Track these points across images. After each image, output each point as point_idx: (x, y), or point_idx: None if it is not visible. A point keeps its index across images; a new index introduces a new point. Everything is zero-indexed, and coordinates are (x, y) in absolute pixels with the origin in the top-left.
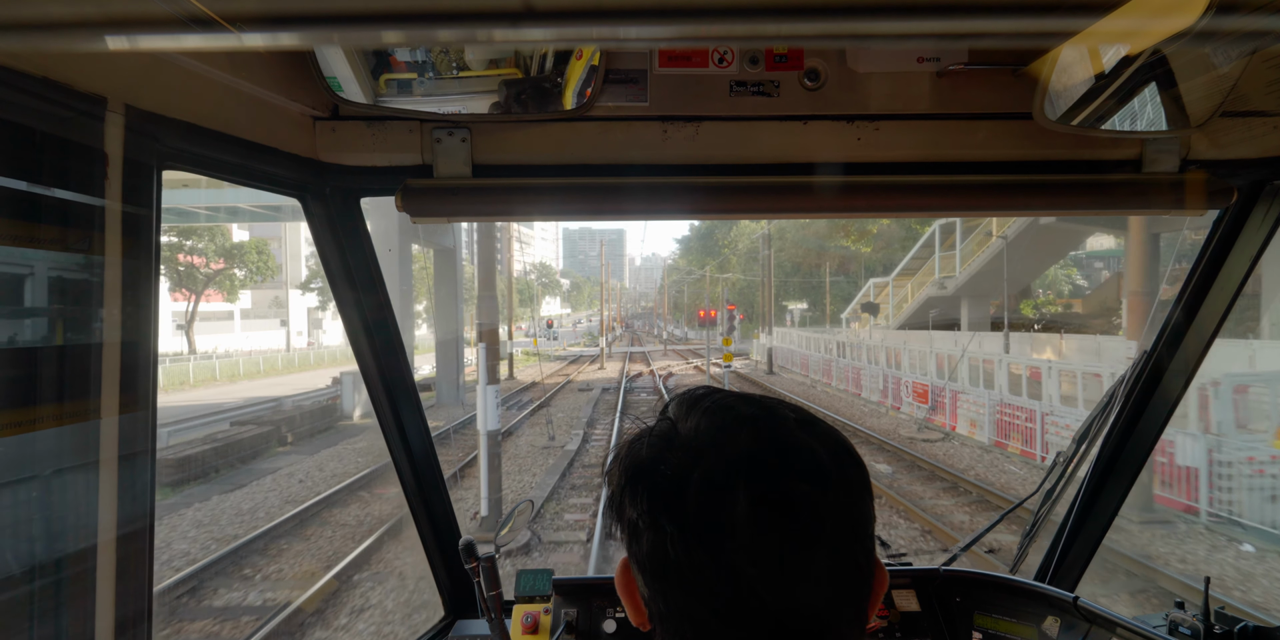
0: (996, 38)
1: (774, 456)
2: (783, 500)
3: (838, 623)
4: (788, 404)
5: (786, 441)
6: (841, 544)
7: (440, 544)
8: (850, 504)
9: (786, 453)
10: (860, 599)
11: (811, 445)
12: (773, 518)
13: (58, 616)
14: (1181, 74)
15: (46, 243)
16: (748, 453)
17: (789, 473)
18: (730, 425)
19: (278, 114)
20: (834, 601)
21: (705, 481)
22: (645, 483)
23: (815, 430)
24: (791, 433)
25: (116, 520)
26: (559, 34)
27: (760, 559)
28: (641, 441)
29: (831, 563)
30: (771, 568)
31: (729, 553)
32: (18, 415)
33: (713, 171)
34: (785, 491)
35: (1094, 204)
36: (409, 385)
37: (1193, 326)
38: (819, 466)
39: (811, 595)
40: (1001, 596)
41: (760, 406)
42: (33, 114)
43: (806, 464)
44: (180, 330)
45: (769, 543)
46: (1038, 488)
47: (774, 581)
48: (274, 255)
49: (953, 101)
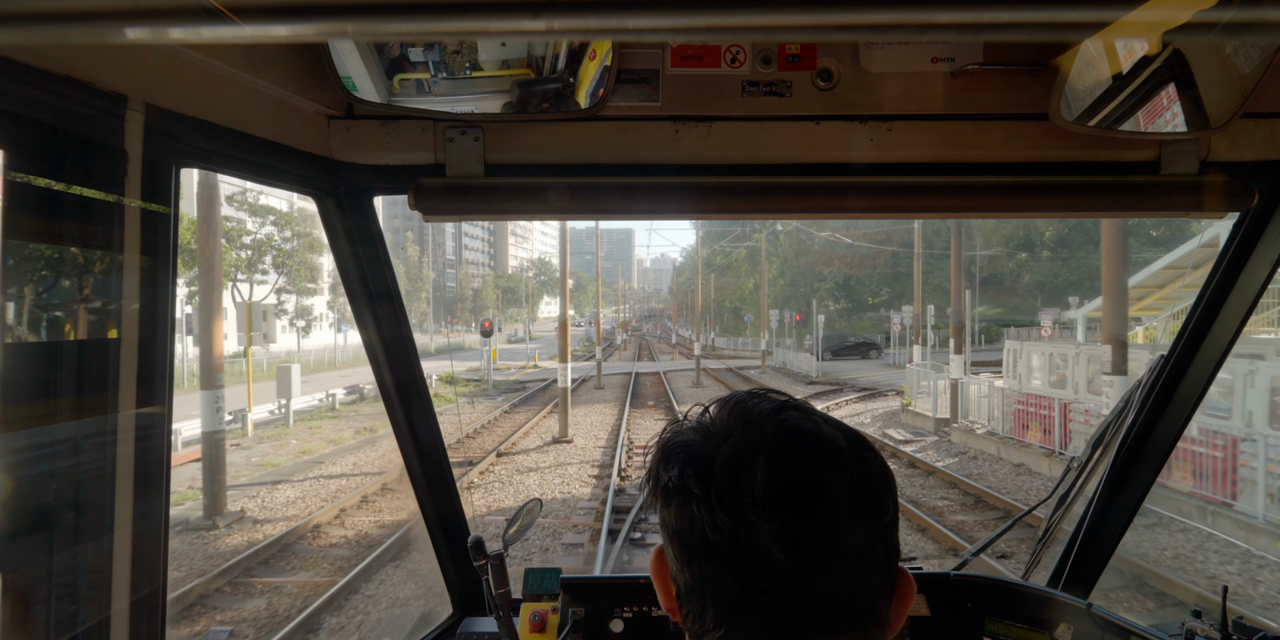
0: (1015, 30)
1: (795, 440)
2: (800, 479)
3: (854, 611)
4: (802, 402)
5: (809, 429)
6: (857, 531)
7: (449, 541)
8: (868, 494)
9: (807, 439)
10: (874, 593)
11: (832, 434)
12: (789, 494)
13: (74, 604)
14: (1201, 74)
15: (66, 239)
16: (772, 435)
17: (808, 455)
18: (758, 415)
19: (293, 113)
20: (851, 588)
21: (730, 457)
22: (679, 454)
23: (837, 425)
24: (814, 423)
25: (132, 512)
26: (572, 25)
27: (777, 531)
28: (678, 425)
29: (847, 547)
30: (787, 541)
31: (749, 518)
32: (37, 408)
33: (724, 172)
34: (803, 471)
35: (1111, 205)
36: (420, 383)
37: (1212, 330)
38: (839, 452)
39: (826, 576)
40: (1014, 602)
41: (786, 402)
42: (55, 112)
43: (826, 450)
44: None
45: (784, 517)
46: (1051, 492)
47: (790, 554)
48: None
49: (967, 102)
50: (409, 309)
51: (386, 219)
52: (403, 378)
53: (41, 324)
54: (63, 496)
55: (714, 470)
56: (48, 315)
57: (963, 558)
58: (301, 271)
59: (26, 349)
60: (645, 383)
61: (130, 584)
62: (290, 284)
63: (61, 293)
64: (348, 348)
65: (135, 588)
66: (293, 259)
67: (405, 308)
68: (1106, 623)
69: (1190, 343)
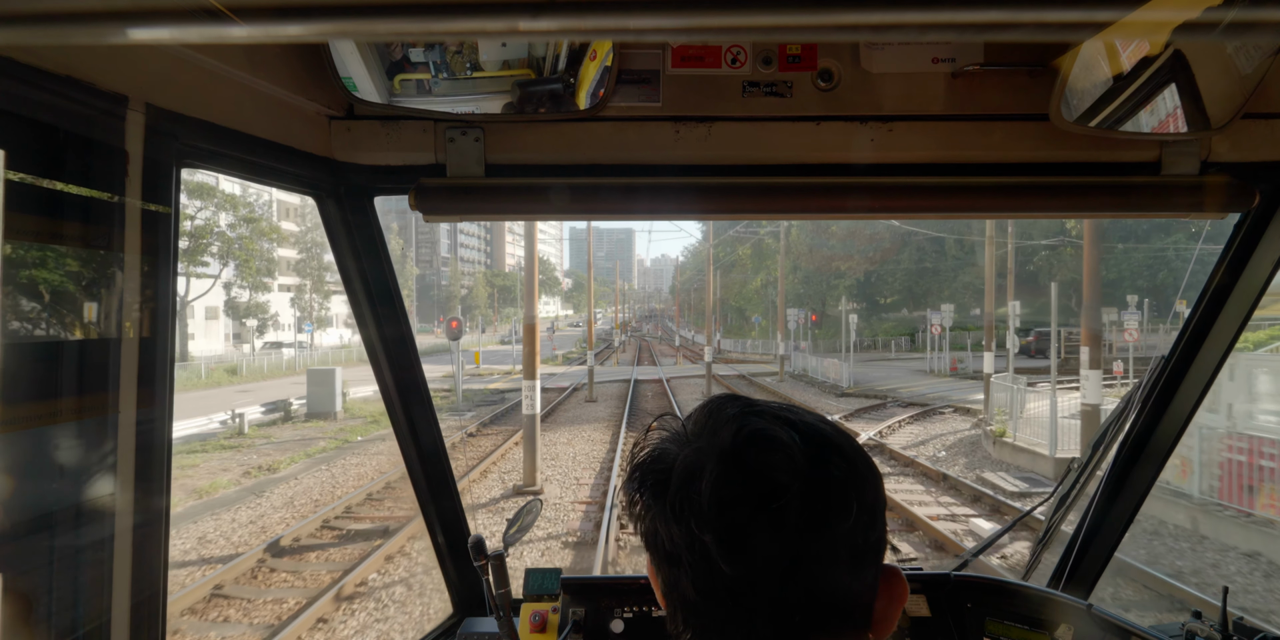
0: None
1: (749, 447)
2: (744, 489)
3: (821, 614)
4: (786, 405)
5: (764, 435)
6: (816, 536)
7: (449, 541)
8: (826, 498)
9: (760, 445)
10: (845, 595)
11: (786, 440)
12: (733, 504)
13: (75, 603)
14: (1202, 75)
15: (67, 239)
16: (725, 443)
17: (757, 463)
18: (718, 423)
19: (294, 113)
20: (813, 592)
21: (684, 467)
22: (645, 463)
23: (798, 428)
24: (768, 428)
25: (133, 510)
26: (572, 25)
27: (720, 542)
28: (654, 431)
29: (805, 553)
30: (731, 551)
31: (696, 528)
32: (38, 408)
33: (724, 172)
34: (748, 479)
35: (1112, 206)
36: (420, 383)
37: (1212, 332)
38: (790, 458)
39: (782, 582)
40: (1014, 603)
41: (747, 406)
42: (56, 112)
43: (778, 456)
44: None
45: (727, 528)
46: (1051, 492)
47: (734, 564)
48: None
49: (968, 102)
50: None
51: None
52: (403, 378)
53: (42, 324)
54: (63, 497)
55: (671, 481)
56: (48, 315)
57: (962, 558)
58: (251, 264)
59: (28, 349)
60: (646, 393)
61: (130, 585)
62: (240, 277)
63: (62, 293)
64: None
65: (135, 589)
66: (238, 248)
67: (406, 308)
68: (1107, 623)
69: (1191, 344)
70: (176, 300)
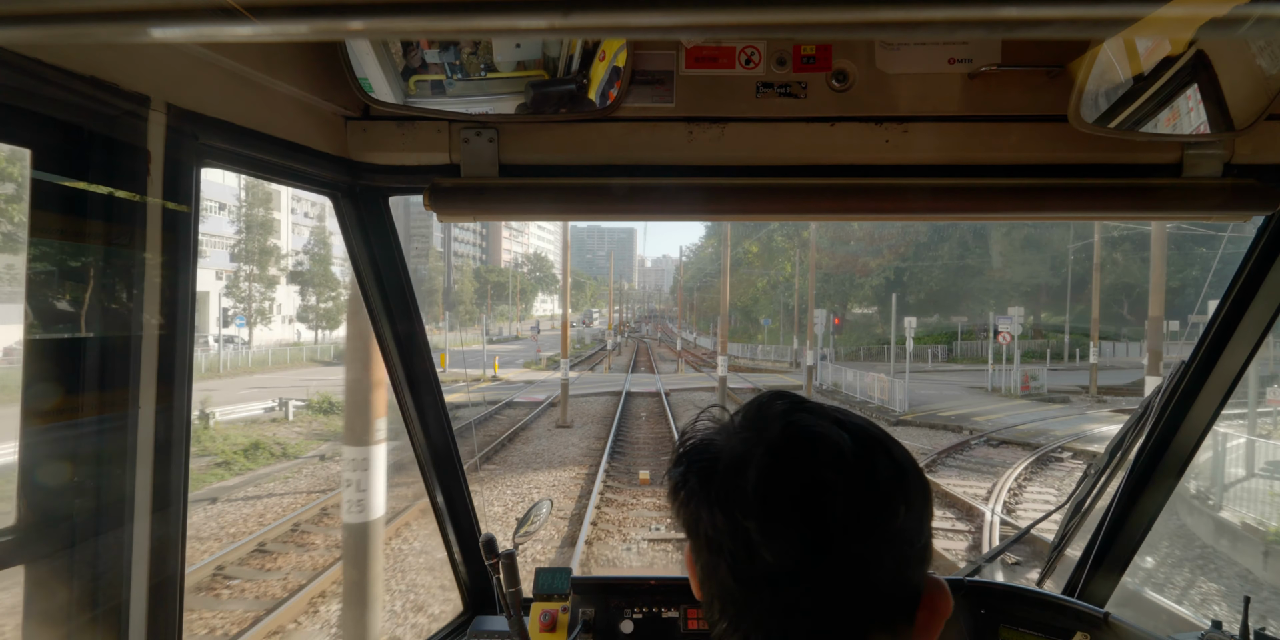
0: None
1: (794, 442)
2: (793, 482)
3: (856, 616)
4: (835, 406)
5: (812, 431)
6: (858, 537)
7: (461, 539)
8: (873, 500)
9: (809, 441)
10: (883, 600)
11: (835, 438)
12: (780, 496)
13: (95, 591)
14: (1225, 75)
15: (91, 237)
16: (774, 437)
17: (806, 458)
18: (767, 417)
19: (311, 113)
20: (850, 592)
21: (732, 457)
22: (691, 451)
23: (847, 427)
24: (819, 424)
25: (151, 508)
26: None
27: (765, 532)
28: (701, 420)
29: (845, 552)
30: (775, 542)
31: (739, 518)
32: (61, 402)
33: (738, 173)
34: (797, 474)
35: (1132, 208)
36: (433, 380)
37: (1234, 336)
38: (840, 456)
39: (821, 579)
40: (1029, 609)
41: (796, 402)
42: (81, 112)
43: (827, 453)
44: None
45: (773, 519)
46: (1067, 498)
47: (777, 555)
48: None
49: (985, 103)
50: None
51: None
52: (416, 375)
53: (65, 320)
54: (84, 490)
55: (718, 470)
56: (71, 311)
57: (976, 564)
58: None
59: (51, 344)
60: (639, 413)
61: (149, 576)
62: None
63: (84, 290)
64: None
65: (154, 579)
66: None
67: (419, 306)
68: (1125, 632)
69: (1212, 349)
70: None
